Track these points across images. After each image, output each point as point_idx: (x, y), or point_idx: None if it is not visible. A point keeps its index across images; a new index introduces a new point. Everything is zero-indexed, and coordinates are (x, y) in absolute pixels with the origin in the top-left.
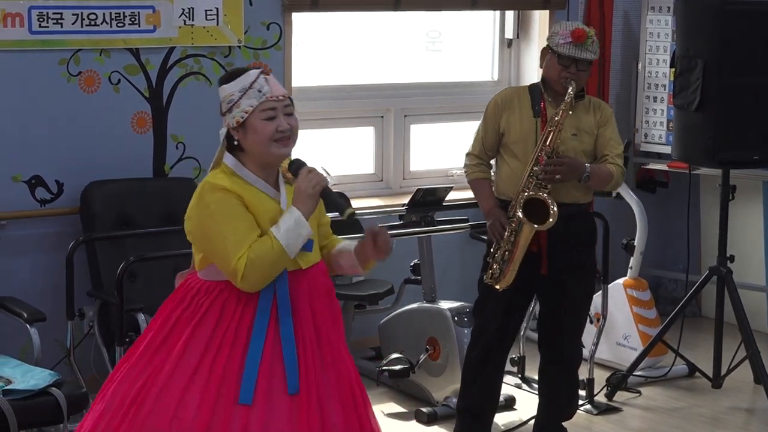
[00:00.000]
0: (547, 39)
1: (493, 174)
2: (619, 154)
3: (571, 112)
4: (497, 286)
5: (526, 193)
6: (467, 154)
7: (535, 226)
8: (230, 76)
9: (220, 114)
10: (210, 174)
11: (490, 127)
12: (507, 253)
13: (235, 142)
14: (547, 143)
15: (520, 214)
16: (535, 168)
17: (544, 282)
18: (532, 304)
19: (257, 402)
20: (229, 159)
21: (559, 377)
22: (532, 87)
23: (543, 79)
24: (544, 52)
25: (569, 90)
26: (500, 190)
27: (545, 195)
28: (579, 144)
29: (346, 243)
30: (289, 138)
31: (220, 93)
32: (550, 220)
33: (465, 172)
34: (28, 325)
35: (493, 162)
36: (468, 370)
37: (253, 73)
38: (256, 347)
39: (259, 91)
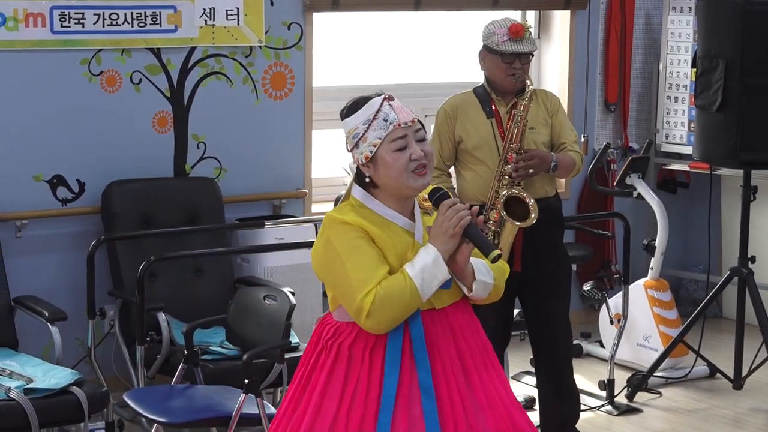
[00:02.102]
0: (483, 40)
1: (454, 182)
2: (575, 141)
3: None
4: None
5: (502, 193)
6: None
7: (519, 224)
8: (352, 107)
9: (347, 150)
10: (336, 208)
11: (444, 138)
12: None
13: (367, 179)
14: (514, 140)
15: (504, 215)
16: (507, 167)
17: (520, 278)
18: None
19: None
20: (357, 191)
21: (551, 368)
22: (478, 90)
23: (487, 80)
24: (483, 54)
25: (528, 84)
26: (468, 197)
27: (523, 193)
28: (539, 136)
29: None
30: (425, 166)
31: (344, 127)
32: (532, 215)
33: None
34: (49, 324)
35: (451, 171)
36: None
37: (376, 102)
38: (389, 394)
39: (385, 120)
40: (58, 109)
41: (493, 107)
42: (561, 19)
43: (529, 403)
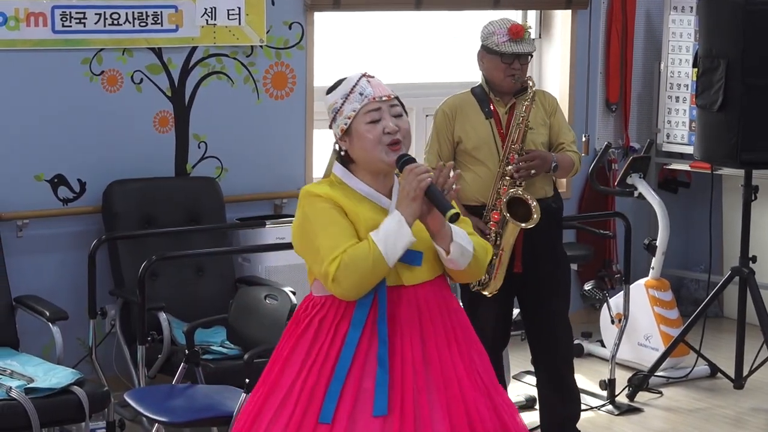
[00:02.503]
0: (482, 40)
1: None
2: (573, 141)
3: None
4: (485, 292)
5: (504, 194)
6: None
7: (523, 225)
8: (334, 85)
9: (329, 127)
10: (313, 183)
11: (443, 138)
12: (493, 257)
13: (342, 153)
14: (516, 141)
15: (507, 215)
16: (508, 167)
17: (520, 279)
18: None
19: (339, 421)
20: (337, 168)
21: (551, 368)
22: (476, 90)
23: (486, 80)
24: (482, 54)
25: (529, 84)
26: (468, 197)
27: (526, 194)
28: (537, 136)
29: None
30: (399, 142)
31: (325, 103)
32: (535, 216)
33: None
34: (50, 324)
35: None
36: None
37: (354, 77)
38: (343, 365)
39: (361, 94)
40: (59, 109)
41: (492, 107)
42: (562, 18)
43: (529, 403)
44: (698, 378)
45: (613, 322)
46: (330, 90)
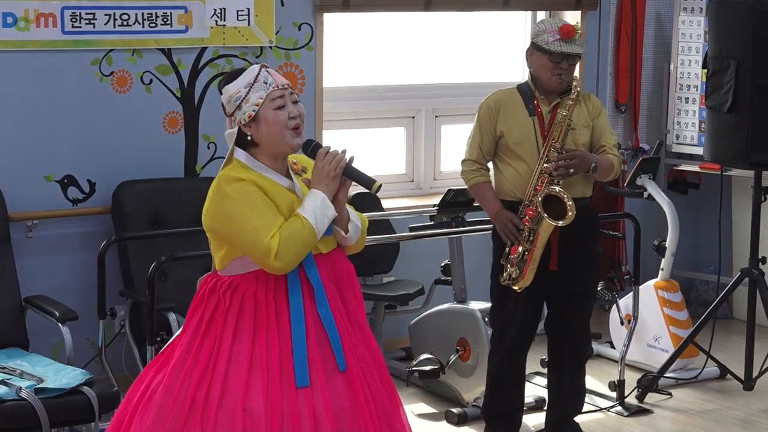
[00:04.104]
0: (533, 38)
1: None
2: (614, 145)
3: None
4: (516, 287)
5: (541, 191)
6: (464, 161)
7: (560, 222)
8: (231, 76)
9: (226, 115)
10: (225, 168)
11: (486, 131)
12: (525, 252)
13: (249, 137)
14: (557, 140)
15: (541, 211)
16: (547, 165)
17: (552, 276)
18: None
19: (317, 383)
20: (240, 154)
21: (564, 366)
22: (522, 87)
23: (532, 77)
24: (530, 51)
25: (574, 85)
26: (505, 192)
27: (563, 192)
28: (579, 137)
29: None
30: (299, 127)
31: (223, 95)
32: (570, 214)
33: (464, 178)
34: (60, 324)
35: (490, 165)
36: (493, 376)
37: (254, 68)
38: (299, 331)
39: (265, 83)
40: (68, 110)
41: (536, 105)
42: (572, 19)
43: (538, 404)
44: (708, 379)
45: (622, 323)
46: (227, 81)
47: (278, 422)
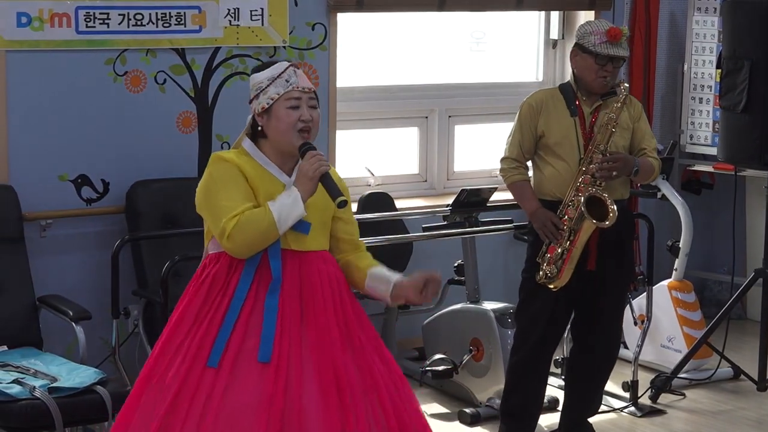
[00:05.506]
0: (579, 39)
1: (530, 176)
2: (654, 148)
3: (612, 109)
4: (551, 286)
5: (583, 192)
6: (503, 159)
7: (605, 223)
8: (262, 66)
9: (248, 102)
10: (223, 150)
11: (526, 130)
12: (564, 252)
13: (259, 128)
14: (602, 142)
15: (584, 211)
16: (591, 166)
17: (585, 276)
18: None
19: (224, 366)
20: (246, 143)
21: (590, 368)
22: (564, 87)
23: (575, 78)
24: (575, 52)
25: (622, 88)
26: (544, 191)
27: (605, 194)
28: (619, 139)
29: (385, 271)
30: (309, 130)
31: (250, 81)
32: (612, 216)
33: (503, 176)
34: (73, 324)
35: (529, 164)
36: (513, 374)
37: (284, 65)
38: (233, 312)
39: (287, 81)
40: (82, 109)
41: (578, 106)
42: (585, 19)
43: (552, 404)
44: (721, 380)
45: (636, 323)
46: (257, 69)
47: (186, 398)
